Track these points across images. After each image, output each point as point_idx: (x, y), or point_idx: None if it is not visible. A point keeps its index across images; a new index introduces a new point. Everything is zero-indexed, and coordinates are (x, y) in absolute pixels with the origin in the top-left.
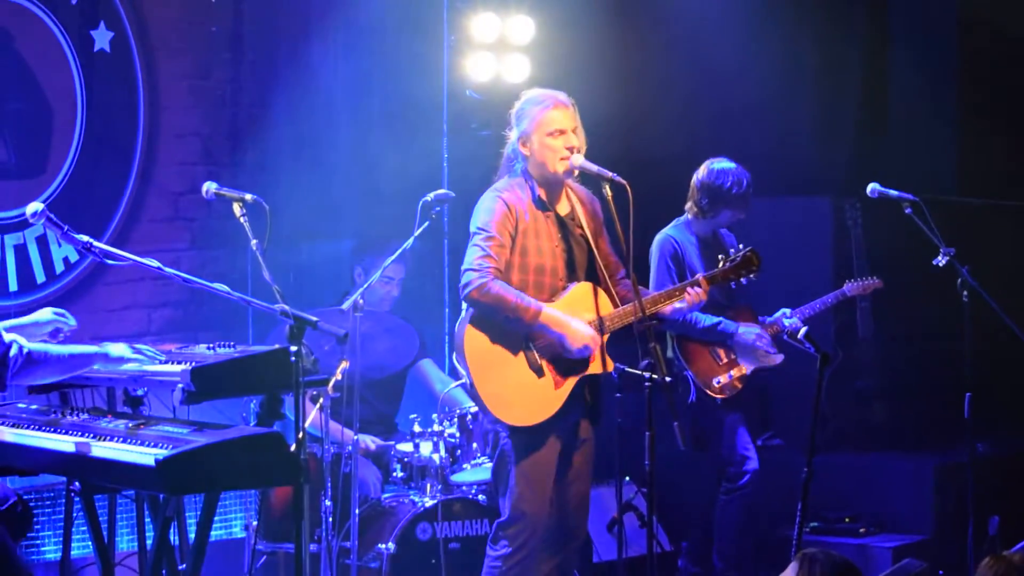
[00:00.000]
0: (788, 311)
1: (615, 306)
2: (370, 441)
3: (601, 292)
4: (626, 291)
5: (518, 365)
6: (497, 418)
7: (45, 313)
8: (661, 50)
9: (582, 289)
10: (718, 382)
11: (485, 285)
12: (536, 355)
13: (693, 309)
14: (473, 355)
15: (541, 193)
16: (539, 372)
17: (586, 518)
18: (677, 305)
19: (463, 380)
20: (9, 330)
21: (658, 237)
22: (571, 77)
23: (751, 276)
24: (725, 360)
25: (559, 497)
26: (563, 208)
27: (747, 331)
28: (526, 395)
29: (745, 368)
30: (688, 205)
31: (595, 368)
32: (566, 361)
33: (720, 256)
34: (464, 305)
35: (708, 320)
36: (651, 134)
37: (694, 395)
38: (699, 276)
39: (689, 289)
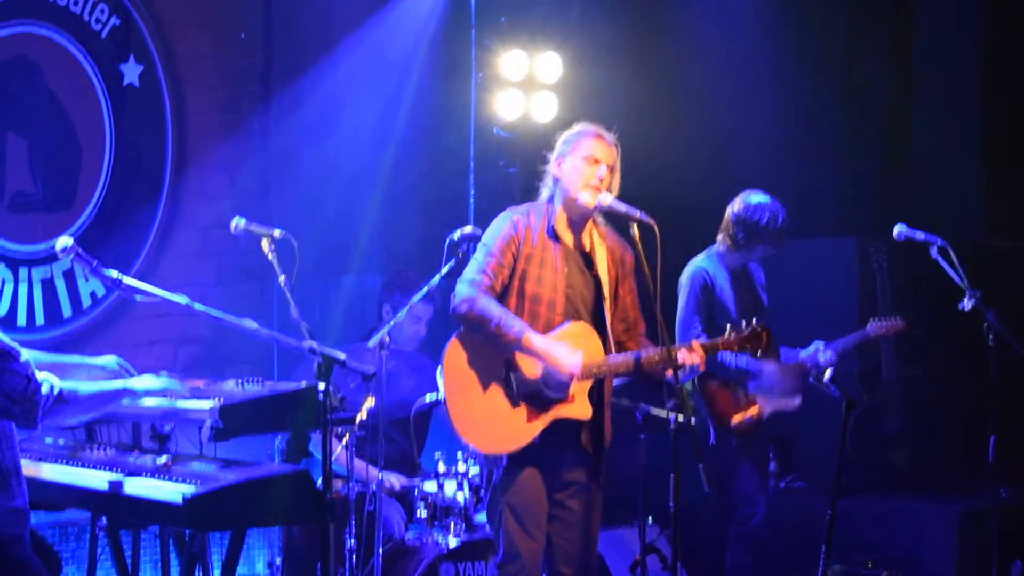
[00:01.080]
0: (822, 344)
1: (607, 353)
2: (395, 480)
3: (595, 336)
4: (632, 344)
5: (494, 391)
6: (460, 435)
7: (110, 361)
8: (688, 89)
9: (578, 328)
10: (735, 424)
11: (473, 298)
12: (515, 386)
13: (688, 376)
14: (450, 371)
15: (556, 223)
16: (514, 403)
17: (591, 566)
18: (686, 360)
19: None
20: (63, 366)
21: (689, 267)
22: (599, 115)
23: (756, 352)
24: (744, 402)
25: (559, 541)
26: (580, 244)
27: (772, 371)
28: (495, 422)
29: (763, 410)
30: (721, 236)
31: (574, 411)
32: (543, 398)
33: (728, 325)
34: None
35: (733, 360)
36: (678, 174)
37: (714, 438)
38: (695, 342)
39: (684, 353)
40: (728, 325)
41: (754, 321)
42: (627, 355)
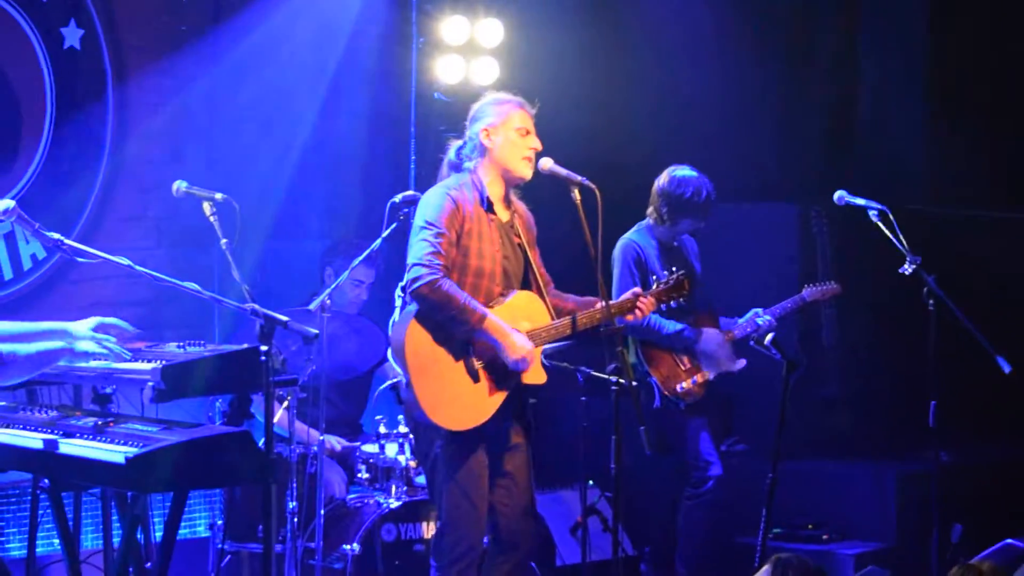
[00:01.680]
0: (760, 310)
1: (551, 317)
2: (335, 442)
3: (539, 302)
4: (558, 301)
5: (456, 368)
6: (430, 421)
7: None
8: (628, 54)
9: (523, 298)
10: (681, 387)
11: (436, 282)
12: (475, 360)
13: (641, 322)
14: (413, 354)
15: (489, 195)
16: (475, 377)
17: (531, 525)
18: (628, 318)
19: (398, 379)
20: (30, 333)
21: (621, 242)
22: (540, 80)
23: (680, 300)
24: (688, 366)
25: (500, 506)
26: (503, 214)
27: (708, 339)
28: (461, 399)
29: (708, 374)
30: (649, 211)
31: (531, 378)
32: (502, 369)
33: (654, 278)
34: (399, 303)
35: (671, 327)
36: (618, 138)
37: (658, 400)
38: (637, 290)
39: (641, 301)
40: (653, 278)
41: (673, 269)
42: (567, 318)
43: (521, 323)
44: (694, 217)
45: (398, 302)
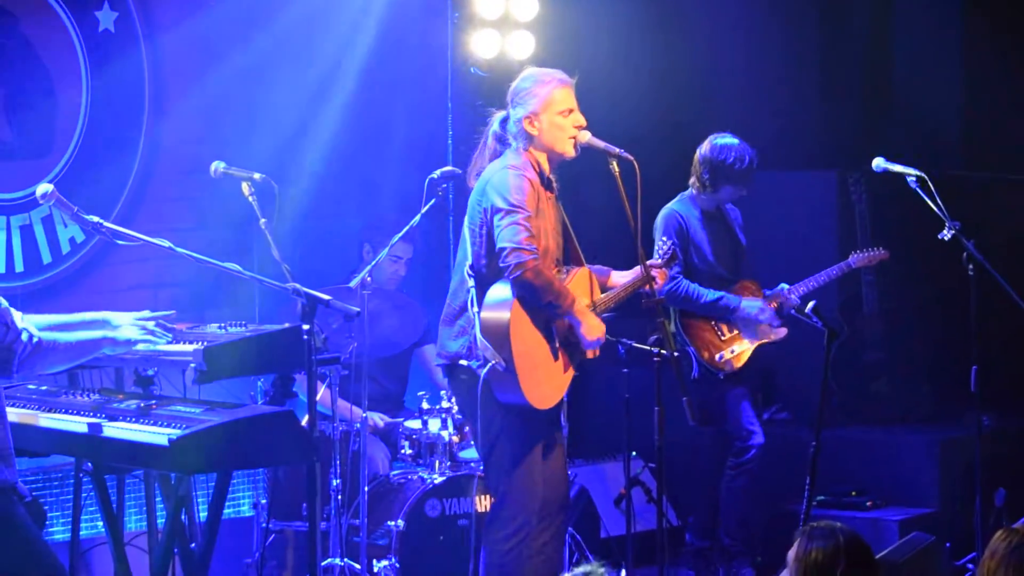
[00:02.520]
0: (787, 286)
1: (599, 291)
2: (378, 418)
3: (593, 278)
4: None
5: (546, 349)
6: (526, 402)
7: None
8: (664, 25)
9: (582, 274)
10: (720, 357)
11: (539, 267)
12: (556, 340)
13: (679, 290)
14: (519, 338)
15: (546, 173)
16: (555, 355)
17: (568, 489)
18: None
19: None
20: (65, 324)
21: (663, 212)
22: (576, 53)
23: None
24: (728, 335)
25: (546, 471)
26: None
27: (750, 305)
28: (549, 379)
29: (748, 343)
30: (691, 180)
31: (591, 352)
32: (575, 346)
33: (656, 248)
34: (471, 283)
35: (711, 295)
36: (654, 110)
37: (697, 370)
38: (649, 263)
39: (658, 271)
40: (656, 248)
41: (664, 239)
42: (614, 291)
43: (584, 299)
44: (736, 184)
45: (469, 282)
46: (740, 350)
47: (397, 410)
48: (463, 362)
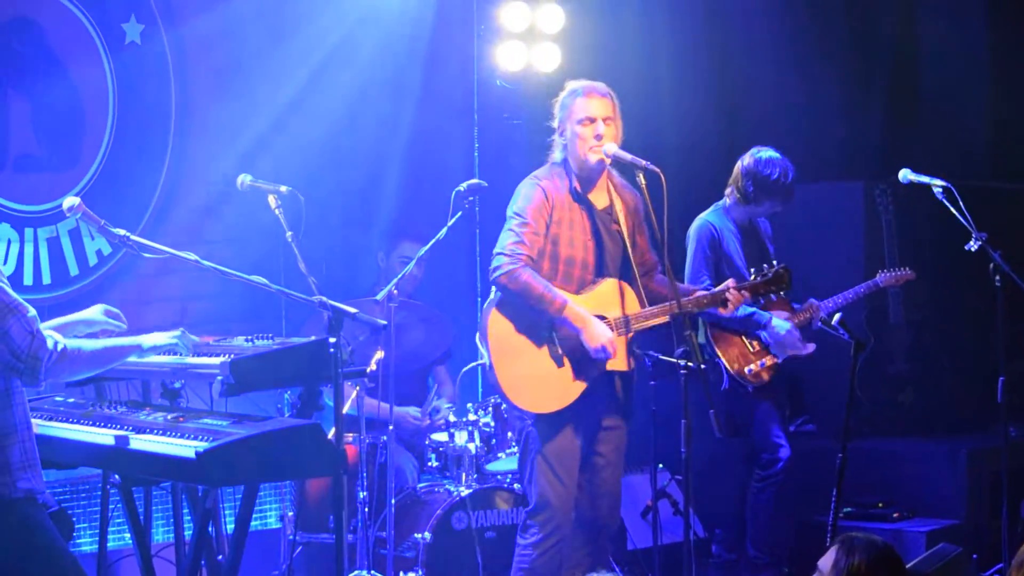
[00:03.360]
0: (815, 301)
1: (642, 305)
2: (414, 411)
3: (629, 290)
4: (660, 287)
5: (539, 353)
6: (508, 399)
7: (96, 313)
8: (690, 36)
9: (610, 285)
10: (749, 370)
11: (515, 272)
12: (558, 346)
13: (730, 314)
14: (495, 339)
15: (577, 184)
16: (559, 362)
17: (618, 507)
18: (720, 311)
19: (482, 361)
20: (59, 327)
21: (696, 222)
22: (601, 66)
23: (780, 293)
24: (757, 348)
25: (589, 486)
26: (600, 201)
27: (779, 324)
28: (543, 383)
29: (776, 358)
30: (729, 190)
31: (615, 365)
32: (586, 356)
33: (752, 269)
34: (492, 289)
35: (742, 310)
36: (682, 121)
37: (727, 382)
38: (732, 284)
39: (730, 294)
40: (751, 269)
41: (775, 263)
42: (661, 306)
43: (610, 310)
44: (776, 199)
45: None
46: (768, 363)
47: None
48: None
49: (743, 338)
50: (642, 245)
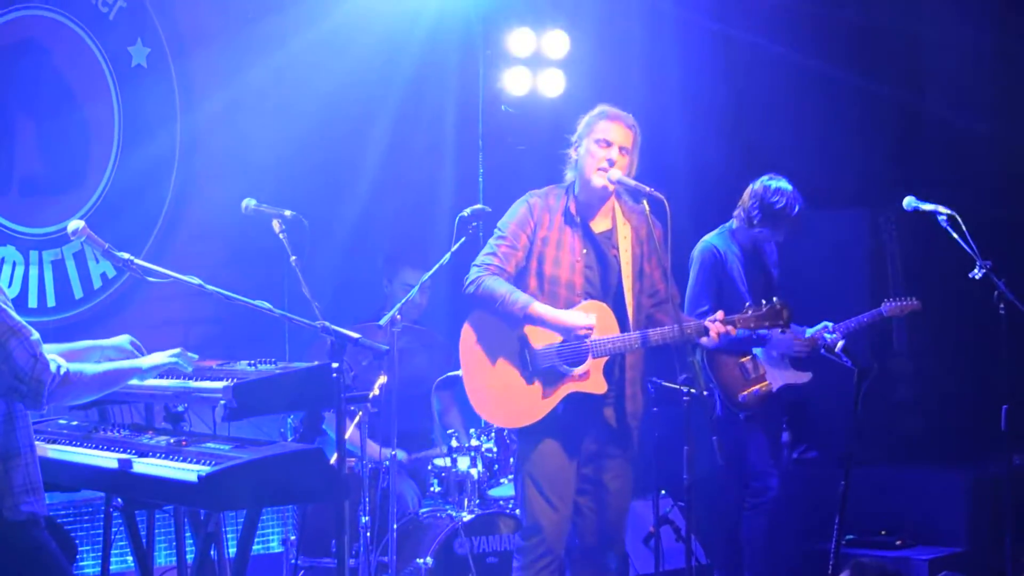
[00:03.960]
0: (831, 325)
1: (622, 331)
2: (401, 456)
3: (610, 314)
4: (662, 315)
5: (509, 368)
6: (476, 410)
7: (123, 342)
8: (696, 63)
9: (592, 307)
10: (743, 397)
11: (480, 279)
12: (530, 363)
13: (716, 345)
14: (467, 350)
15: (573, 206)
16: (529, 379)
17: (621, 535)
18: (703, 341)
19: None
20: (82, 351)
21: (700, 244)
22: (606, 91)
23: (775, 329)
24: (753, 375)
25: (593, 516)
26: (601, 225)
27: (777, 348)
28: (510, 398)
29: (771, 385)
30: (736, 213)
31: (588, 386)
32: (558, 373)
33: (748, 304)
34: None
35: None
36: (688, 147)
37: (720, 409)
38: (721, 316)
39: (713, 326)
40: (747, 304)
41: (774, 299)
42: (636, 333)
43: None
44: (780, 229)
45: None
46: (762, 391)
47: (425, 446)
48: None
49: (739, 363)
50: (654, 275)
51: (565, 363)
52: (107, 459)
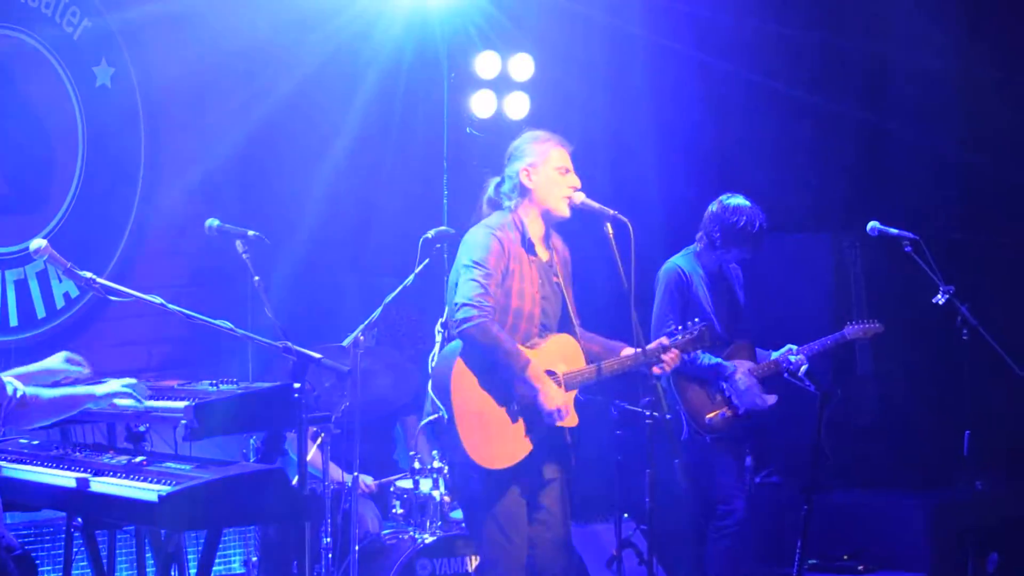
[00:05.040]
0: (795, 347)
1: (587, 361)
2: (369, 481)
3: (575, 346)
4: (586, 342)
5: (498, 410)
6: (471, 459)
7: (57, 361)
8: (661, 86)
9: (559, 341)
10: (709, 421)
11: (485, 325)
12: (516, 403)
13: (696, 362)
14: (459, 393)
15: (531, 236)
16: (514, 418)
17: (564, 559)
18: (655, 371)
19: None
20: (21, 377)
21: (665, 266)
22: (571, 114)
23: (703, 351)
24: (718, 399)
25: (537, 537)
26: (543, 254)
27: (740, 379)
28: (502, 438)
29: (737, 409)
30: (699, 236)
31: (567, 422)
32: (539, 413)
33: (677, 327)
34: (439, 338)
35: (708, 359)
36: (651, 170)
37: (686, 432)
38: (665, 341)
39: (665, 356)
40: (675, 327)
41: (696, 320)
42: (600, 364)
43: (558, 365)
44: (744, 247)
45: (438, 338)
46: (728, 415)
47: (388, 469)
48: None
49: (706, 387)
50: (571, 299)
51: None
52: (66, 478)
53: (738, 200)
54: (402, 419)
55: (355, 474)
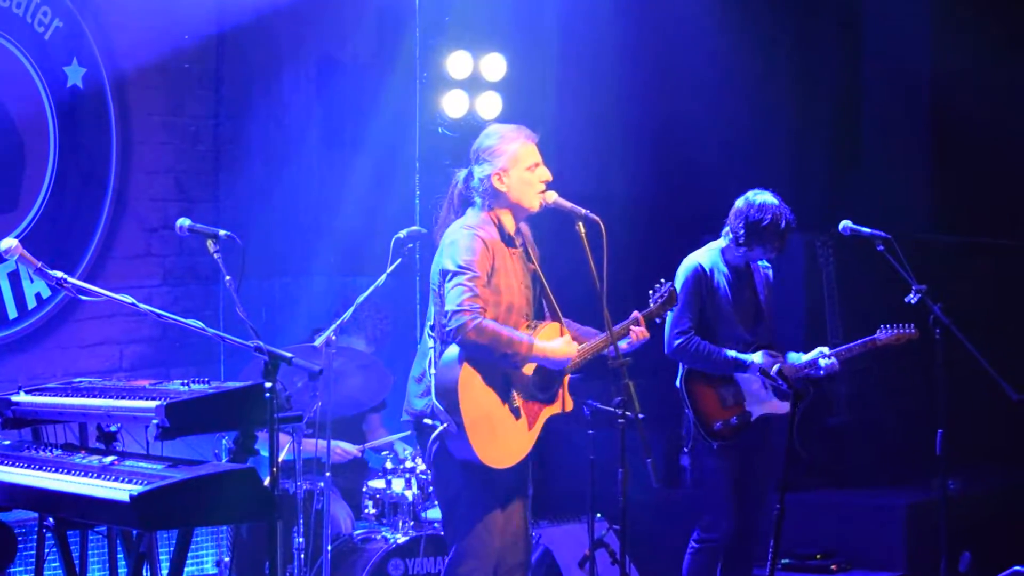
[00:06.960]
0: (827, 350)
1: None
2: (346, 446)
3: (566, 331)
4: (565, 327)
5: (503, 409)
6: (479, 461)
7: None
8: (632, 87)
9: (549, 329)
10: (717, 426)
11: (480, 324)
12: (516, 397)
13: (635, 347)
14: (469, 400)
15: (508, 230)
16: (517, 414)
17: (530, 551)
18: (622, 345)
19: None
20: None
21: (685, 261)
22: (543, 113)
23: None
24: (731, 403)
25: (506, 532)
26: (518, 244)
27: (751, 378)
28: (509, 438)
29: (749, 414)
30: (725, 231)
31: (558, 408)
32: (538, 402)
33: (651, 291)
34: (430, 343)
35: (732, 353)
36: (624, 168)
37: (692, 435)
38: (637, 314)
39: (634, 328)
40: (649, 291)
41: (662, 281)
42: (584, 344)
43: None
44: (768, 245)
45: (429, 343)
46: (738, 422)
47: (360, 469)
48: (427, 420)
49: (718, 390)
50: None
51: (538, 390)
52: (38, 478)
53: (765, 197)
54: (367, 418)
55: (328, 474)
